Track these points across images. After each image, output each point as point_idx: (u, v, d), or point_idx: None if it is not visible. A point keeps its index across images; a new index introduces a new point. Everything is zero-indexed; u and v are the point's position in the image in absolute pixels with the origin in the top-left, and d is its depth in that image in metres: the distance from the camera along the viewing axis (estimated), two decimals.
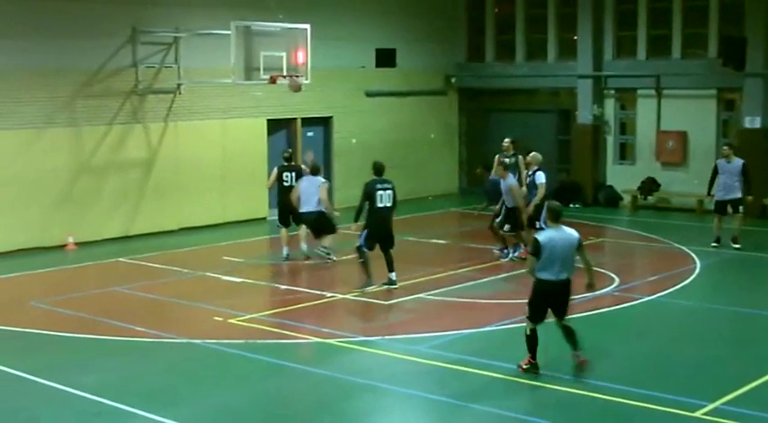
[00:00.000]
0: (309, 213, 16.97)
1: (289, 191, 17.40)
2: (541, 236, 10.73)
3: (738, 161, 18.21)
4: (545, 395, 10.29)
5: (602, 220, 22.57)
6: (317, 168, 17.37)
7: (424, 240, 19.89)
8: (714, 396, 9.97)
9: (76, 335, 12.77)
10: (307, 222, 17.21)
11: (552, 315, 10.90)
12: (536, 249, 10.59)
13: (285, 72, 18.97)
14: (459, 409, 9.93)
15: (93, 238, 19.60)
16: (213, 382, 10.93)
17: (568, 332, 10.89)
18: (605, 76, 25.05)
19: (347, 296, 14.73)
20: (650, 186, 24.18)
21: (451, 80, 27.39)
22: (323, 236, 17.11)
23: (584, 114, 25.19)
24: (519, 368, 10.91)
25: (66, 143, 19.38)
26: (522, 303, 14.26)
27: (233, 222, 21.86)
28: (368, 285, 14.91)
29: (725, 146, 18.97)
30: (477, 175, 17.08)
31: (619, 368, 11.20)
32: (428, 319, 13.59)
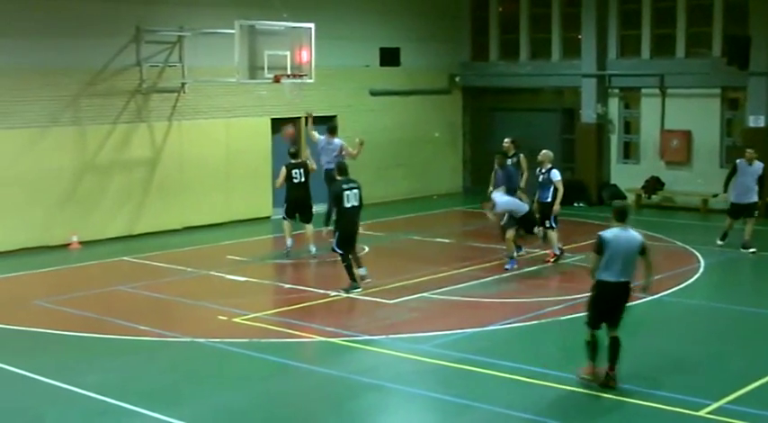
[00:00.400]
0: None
1: (299, 187, 17.40)
2: (607, 233, 10.22)
3: (759, 165, 18.04)
4: (549, 394, 10.28)
5: (606, 219, 22.52)
6: (335, 128, 18.83)
7: (428, 239, 19.89)
8: (718, 395, 9.96)
9: (80, 334, 12.78)
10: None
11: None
12: (599, 246, 10.13)
13: (289, 71, 18.99)
14: (464, 409, 9.92)
15: (98, 237, 19.61)
16: (217, 381, 10.94)
17: (615, 345, 10.23)
18: (609, 75, 25.03)
19: (351, 295, 14.73)
20: (654, 185, 24.15)
21: (456, 79, 27.38)
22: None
23: (588, 113, 25.17)
24: (577, 377, 10.27)
25: (71, 142, 19.40)
26: (526, 302, 14.36)
27: (237, 221, 21.86)
28: (353, 288, 14.85)
29: (748, 149, 18.50)
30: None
31: (623, 367, 11.15)
32: (432, 318, 13.59)
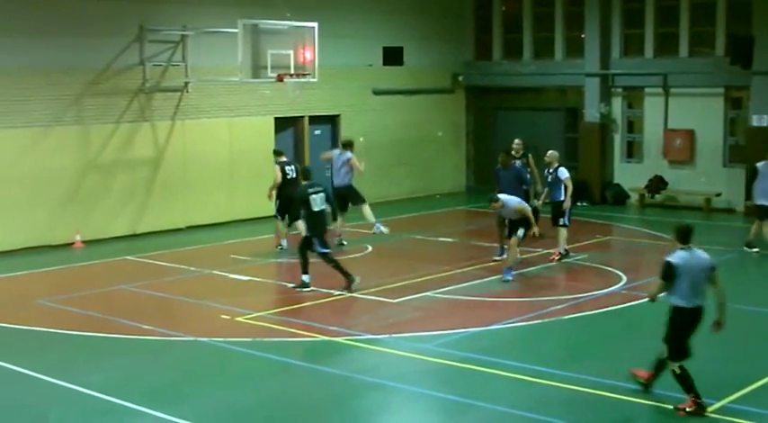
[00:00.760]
0: (339, 187, 18.40)
1: (291, 184, 17.53)
2: (674, 258, 9.54)
3: None
4: (552, 393, 10.27)
5: (609, 218, 22.55)
6: (349, 143, 18.99)
7: (432, 238, 19.88)
8: (721, 394, 9.94)
9: (84, 333, 12.79)
10: (336, 197, 17.81)
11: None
12: (667, 273, 9.49)
13: (293, 70, 19.00)
14: (467, 408, 9.92)
15: (101, 236, 19.62)
16: (220, 380, 10.94)
17: (660, 367, 9.84)
18: (612, 74, 25.01)
19: (354, 294, 14.73)
20: (658, 184, 24.14)
21: (459, 78, 27.37)
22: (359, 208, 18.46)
23: (591, 113, 25.16)
24: (679, 411, 9.48)
25: (74, 141, 19.42)
26: (529, 301, 14.35)
27: (240, 220, 21.87)
28: (352, 282, 14.86)
29: None
30: (501, 162, 17.30)
31: (626, 366, 11.14)
32: (435, 318, 13.58)
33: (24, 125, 18.69)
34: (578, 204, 23.75)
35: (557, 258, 17.05)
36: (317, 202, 14.83)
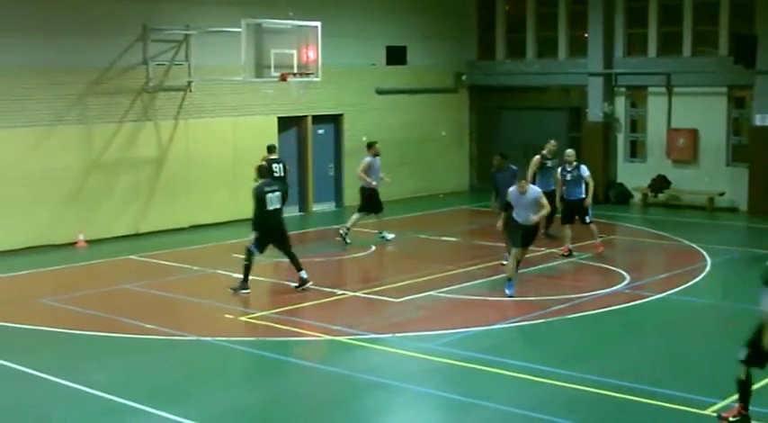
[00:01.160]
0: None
1: (278, 182, 17.31)
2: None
3: None
4: (555, 392, 10.27)
5: (612, 217, 22.52)
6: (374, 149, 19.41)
7: (435, 238, 19.88)
8: (725, 393, 9.91)
9: (87, 332, 12.80)
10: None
11: None
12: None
13: (296, 69, 19.00)
14: (470, 407, 9.92)
15: (104, 235, 19.64)
16: (223, 379, 10.95)
17: (745, 389, 9.33)
18: (616, 73, 24.99)
19: (358, 293, 14.73)
20: (661, 184, 24.12)
21: (462, 78, 27.36)
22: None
23: (594, 112, 25.14)
24: (722, 420, 9.22)
25: (77, 141, 19.43)
26: (532, 301, 14.34)
27: (243, 220, 21.79)
28: (242, 289, 14.80)
29: None
30: (496, 165, 17.26)
31: (629, 365, 11.17)
32: (439, 317, 13.58)
33: (27, 124, 18.71)
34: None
35: (565, 254, 17.12)
36: (272, 201, 14.89)
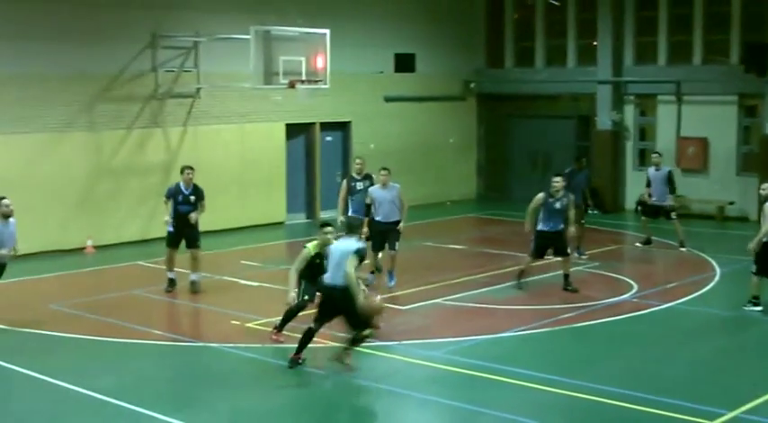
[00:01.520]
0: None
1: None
2: None
3: None
4: (561, 401, 10.23)
5: (621, 226, 22.47)
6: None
7: (442, 245, 19.86)
8: (733, 404, 9.88)
9: (95, 337, 12.81)
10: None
11: None
12: None
13: (304, 77, 19.02)
14: (477, 415, 9.90)
15: (112, 241, 19.67)
16: (230, 385, 10.92)
17: None
18: (625, 81, 24.97)
19: None
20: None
21: (470, 85, 27.36)
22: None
23: (603, 120, 25.11)
24: None
25: (86, 147, 19.48)
26: (539, 309, 14.30)
27: (251, 226, 21.89)
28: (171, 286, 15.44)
29: None
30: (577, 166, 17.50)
31: (636, 375, 11.13)
32: (445, 325, 13.55)
33: (37, 131, 18.75)
34: (590, 212, 23.75)
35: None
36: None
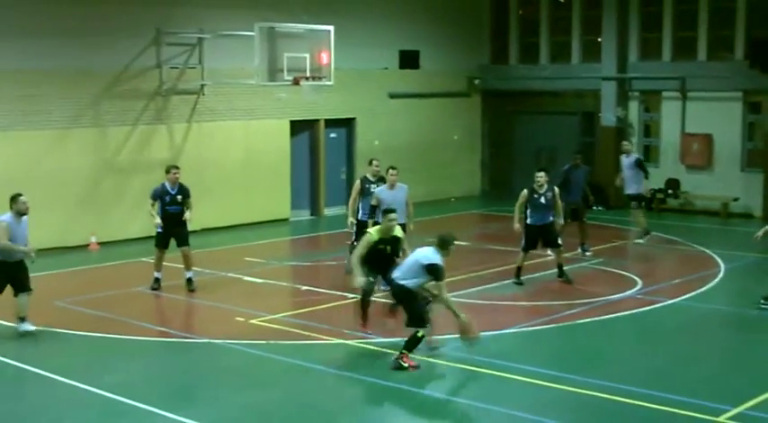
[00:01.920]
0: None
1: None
2: None
3: None
4: (566, 397, 10.24)
5: (625, 222, 22.45)
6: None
7: None
8: (738, 400, 9.89)
9: (99, 335, 12.83)
10: None
11: None
12: None
13: (309, 73, 19.02)
14: (480, 412, 9.90)
15: (116, 237, 19.70)
16: (235, 382, 10.94)
17: None
18: (630, 78, 24.94)
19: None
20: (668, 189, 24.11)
21: (475, 82, 27.35)
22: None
23: (607, 116, 25.08)
24: None
25: (91, 144, 19.51)
26: (542, 305, 14.30)
27: (255, 223, 21.91)
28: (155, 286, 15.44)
29: None
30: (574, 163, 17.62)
31: (641, 371, 11.13)
32: (448, 321, 13.53)
33: (42, 127, 18.79)
34: (594, 208, 23.74)
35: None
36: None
